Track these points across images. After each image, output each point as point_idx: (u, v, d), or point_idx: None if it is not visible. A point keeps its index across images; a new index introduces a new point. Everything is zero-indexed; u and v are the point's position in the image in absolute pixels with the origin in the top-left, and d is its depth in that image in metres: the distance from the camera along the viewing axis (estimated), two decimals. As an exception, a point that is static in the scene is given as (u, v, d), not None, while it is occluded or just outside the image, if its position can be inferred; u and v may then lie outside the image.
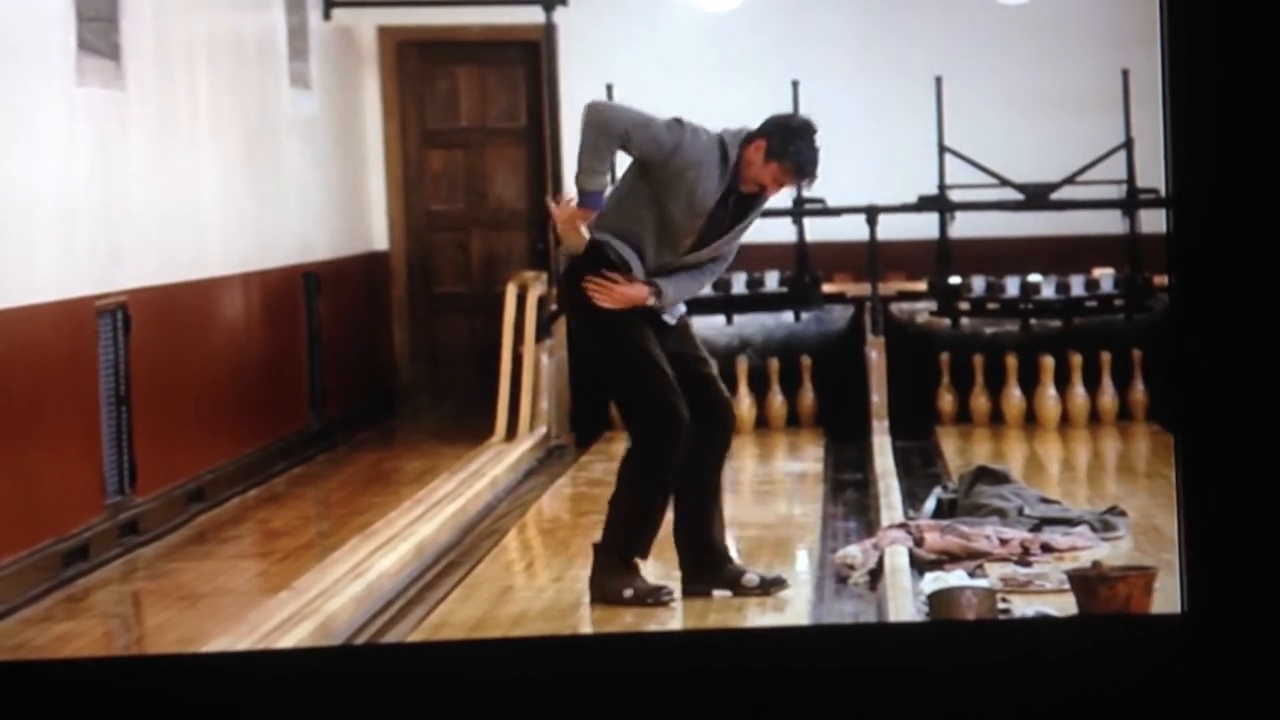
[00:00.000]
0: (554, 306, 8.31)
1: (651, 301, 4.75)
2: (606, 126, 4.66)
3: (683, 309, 4.88)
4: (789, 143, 4.73)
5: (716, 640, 4.09)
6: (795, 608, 4.82)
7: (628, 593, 4.78)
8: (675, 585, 4.88)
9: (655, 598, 4.78)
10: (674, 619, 4.73)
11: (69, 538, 5.63)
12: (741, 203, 4.80)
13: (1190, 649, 3.40)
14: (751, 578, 4.88)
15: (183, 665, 3.79)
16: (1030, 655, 3.55)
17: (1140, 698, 3.46)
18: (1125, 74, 8.08)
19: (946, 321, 8.20)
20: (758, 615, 4.76)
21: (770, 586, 4.88)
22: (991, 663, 3.54)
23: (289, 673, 3.61)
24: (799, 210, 8.25)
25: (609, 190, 4.81)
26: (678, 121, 4.75)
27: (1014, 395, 8.04)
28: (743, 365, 8.11)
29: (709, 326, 7.89)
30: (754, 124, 4.85)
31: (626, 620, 4.80)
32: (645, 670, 3.56)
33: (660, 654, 3.65)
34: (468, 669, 3.59)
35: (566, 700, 3.50)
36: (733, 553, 5.01)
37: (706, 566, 4.88)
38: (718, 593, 4.87)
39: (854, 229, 8.15)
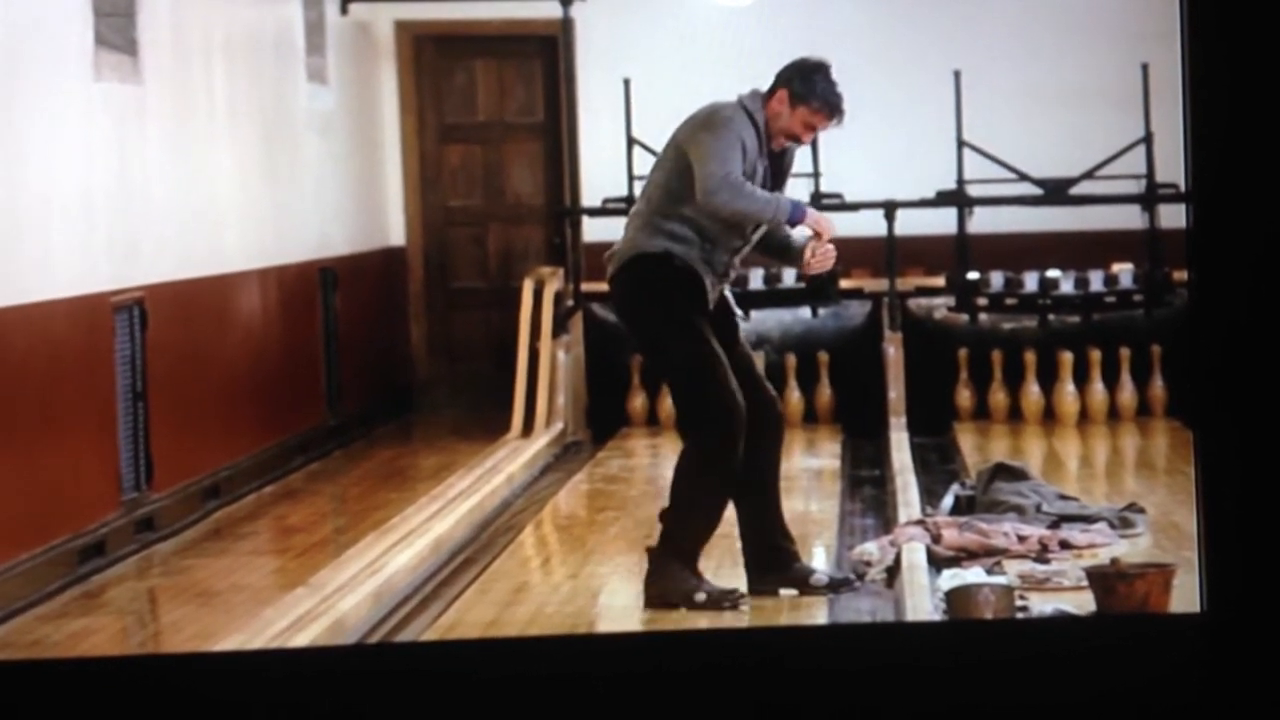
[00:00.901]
0: (570, 302, 8.30)
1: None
2: (729, 178, 4.62)
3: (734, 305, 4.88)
4: (811, 82, 4.72)
5: (731, 639, 4.08)
6: (813, 604, 4.81)
7: (700, 596, 4.72)
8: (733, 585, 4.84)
9: (731, 601, 4.73)
10: (690, 617, 4.72)
11: (85, 534, 5.65)
12: (773, 160, 4.80)
13: (1210, 648, 3.38)
14: (820, 577, 4.86)
15: (194, 665, 3.78)
16: (1049, 654, 3.54)
17: (1159, 697, 3.44)
18: (1145, 69, 8.04)
19: (965, 317, 8.18)
20: (775, 613, 4.75)
21: (839, 586, 4.85)
22: (1009, 661, 3.53)
23: (302, 671, 3.61)
24: (817, 205, 8.23)
25: (662, 183, 4.76)
26: (719, 123, 4.68)
27: (1032, 391, 8.02)
28: (760, 361, 8.08)
29: (726, 322, 7.87)
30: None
31: (644, 618, 4.79)
32: (660, 668, 3.56)
33: (676, 652, 3.65)
34: (480, 668, 3.58)
35: (580, 699, 3.50)
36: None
37: (774, 566, 4.85)
38: (784, 591, 4.83)
39: (872, 224, 8.13)
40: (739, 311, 4.88)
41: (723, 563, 4.98)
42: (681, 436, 4.85)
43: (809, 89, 4.71)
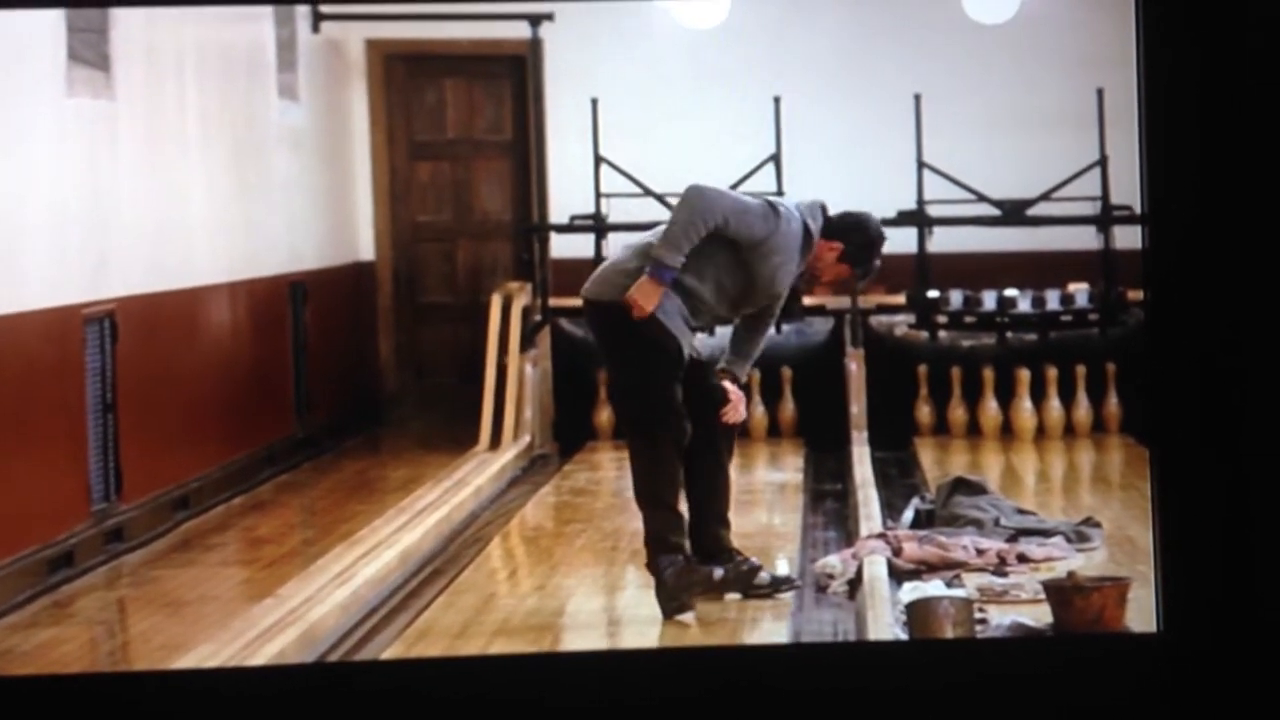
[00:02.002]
0: (538, 317, 8.36)
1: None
2: (708, 212, 4.74)
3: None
4: (868, 255, 4.88)
5: (695, 657, 4.10)
6: (775, 617, 4.87)
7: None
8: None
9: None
10: (654, 632, 4.76)
11: (54, 544, 5.65)
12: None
13: (1167, 667, 3.43)
14: (763, 576, 4.93)
15: (152, 682, 3.78)
16: (1006, 675, 3.57)
17: (1117, 716, 3.49)
18: (1100, 93, 8.17)
19: (925, 334, 8.28)
20: (739, 624, 4.79)
21: (780, 585, 4.94)
22: (968, 682, 3.56)
23: (268, 689, 3.62)
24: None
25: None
26: (773, 209, 4.81)
27: (990, 407, 8.12)
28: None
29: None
30: (737, 140, 4.94)
31: (610, 629, 4.85)
32: (623, 687, 3.58)
33: (639, 672, 3.67)
34: (447, 685, 3.61)
35: (540, 718, 3.51)
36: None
37: (716, 563, 4.92)
38: (729, 595, 4.90)
39: (834, 242, 8.19)
40: (699, 346, 4.99)
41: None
42: (630, 443, 4.93)
43: (863, 259, 4.87)
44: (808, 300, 8.44)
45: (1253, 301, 3.43)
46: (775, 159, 8.29)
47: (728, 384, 4.97)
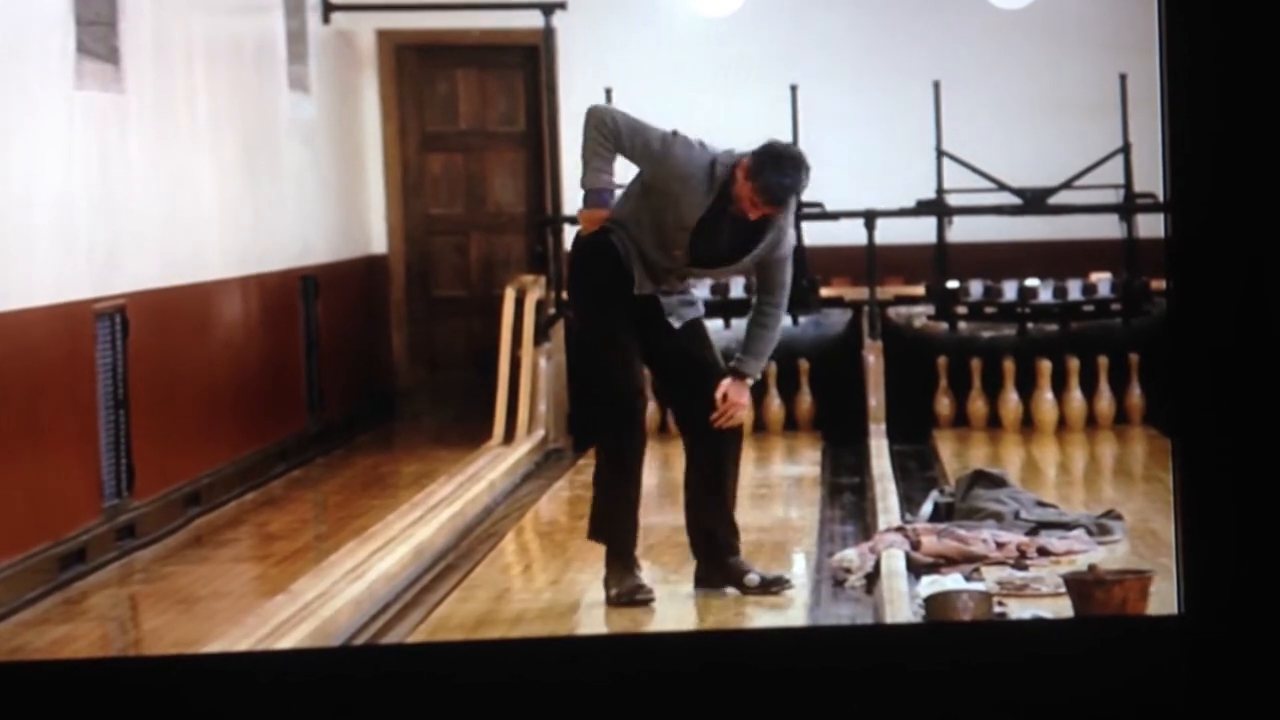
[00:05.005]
0: (552, 310, 8.32)
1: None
2: (601, 125, 4.80)
3: (698, 312, 4.94)
4: (765, 166, 4.77)
5: (712, 641, 4.09)
6: (792, 610, 4.84)
7: (612, 592, 4.84)
8: (667, 586, 4.90)
9: (631, 598, 4.83)
10: (671, 620, 4.74)
11: (66, 541, 5.64)
12: (744, 227, 4.82)
13: (1187, 650, 3.40)
14: (752, 577, 4.90)
15: (177, 666, 3.78)
16: (1027, 656, 3.55)
17: (1137, 699, 3.46)
18: (1123, 79, 8.10)
19: (944, 325, 8.22)
20: (754, 618, 4.77)
21: (771, 585, 4.90)
22: (987, 664, 3.54)
23: (285, 674, 3.61)
24: (797, 214, 8.25)
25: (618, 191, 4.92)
26: (673, 133, 4.84)
27: (1011, 399, 8.06)
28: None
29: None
30: (754, 129, 4.94)
31: (625, 622, 4.81)
32: (639, 671, 3.56)
33: (655, 655, 3.65)
34: (465, 670, 3.59)
35: (561, 702, 3.51)
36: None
37: (710, 558, 4.92)
38: (728, 590, 4.89)
39: (852, 233, 8.16)
40: (679, 321, 4.91)
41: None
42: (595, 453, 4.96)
43: (759, 170, 4.76)
44: (825, 292, 8.39)
45: (1277, 291, 3.37)
46: (791, 149, 8.23)
47: (723, 384, 4.86)
